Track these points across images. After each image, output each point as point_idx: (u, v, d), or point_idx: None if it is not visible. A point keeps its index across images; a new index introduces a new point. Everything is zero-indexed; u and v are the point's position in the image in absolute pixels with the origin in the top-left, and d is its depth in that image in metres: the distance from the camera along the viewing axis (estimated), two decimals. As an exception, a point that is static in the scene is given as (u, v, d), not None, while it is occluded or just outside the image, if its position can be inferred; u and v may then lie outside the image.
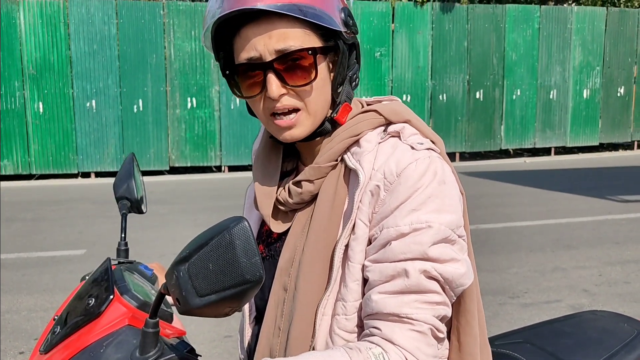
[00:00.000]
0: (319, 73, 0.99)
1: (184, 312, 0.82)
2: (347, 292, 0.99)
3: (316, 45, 0.98)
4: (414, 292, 0.94)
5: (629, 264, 5.14)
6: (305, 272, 1.01)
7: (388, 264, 0.95)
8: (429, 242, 0.94)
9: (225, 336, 3.79)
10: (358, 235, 0.99)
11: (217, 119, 10.75)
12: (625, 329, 1.56)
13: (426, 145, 1.01)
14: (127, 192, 1.40)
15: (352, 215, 0.99)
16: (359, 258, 0.99)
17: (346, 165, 1.03)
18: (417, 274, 0.93)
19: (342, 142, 1.03)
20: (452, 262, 0.95)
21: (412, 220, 0.94)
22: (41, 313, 4.19)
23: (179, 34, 10.49)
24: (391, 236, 0.95)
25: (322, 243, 1.01)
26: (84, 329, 1.04)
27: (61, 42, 10.12)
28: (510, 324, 3.84)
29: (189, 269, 0.80)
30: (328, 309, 1.00)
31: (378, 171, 0.98)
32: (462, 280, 0.97)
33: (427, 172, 0.96)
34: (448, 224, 0.95)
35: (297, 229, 1.06)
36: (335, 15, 0.98)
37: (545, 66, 12.18)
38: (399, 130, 1.02)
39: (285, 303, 1.04)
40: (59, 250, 5.87)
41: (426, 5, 11.50)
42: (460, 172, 10.31)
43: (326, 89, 1.02)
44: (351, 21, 1.01)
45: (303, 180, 1.05)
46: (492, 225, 6.57)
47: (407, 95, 11.52)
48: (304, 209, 1.07)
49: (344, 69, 1.02)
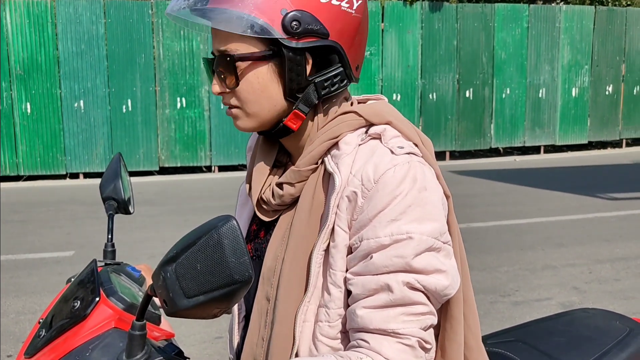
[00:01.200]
0: (253, 78, 0.98)
1: (172, 314, 0.80)
2: (329, 299, 0.97)
3: (252, 50, 0.97)
4: (399, 305, 0.92)
5: (619, 261, 5.17)
6: (285, 280, 0.99)
7: (370, 277, 0.93)
8: (411, 254, 0.92)
9: (216, 337, 3.77)
10: (337, 243, 0.97)
11: (207, 118, 10.71)
12: (617, 327, 1.56)
13: (406, 149, 0.98)
14: (113, 193, 1.38)
15: (328, 220, 0.97)
16: (340, 265, 0.97)
17: (325, 168, 1.01)
18: (401, 286, 0.92)
19: (321, 145, 1.01)
20: (436, 273, 0.93)
21: (393, 231, 0.92)
22: (29, 316, 4.14)
23: (167, 33, 10.43)
24: (372, 248, 0.93)
25: (300, 250, 0.99)
26: (69, 332, 1.02)
27: (49, 42, 10.04)
28: (501, 322, 3.84)
29: (177, 269, 0.78)
30: (310, 315, 0.98)
31: (355, 176, 0.96)
32: (447, 291, 0.95)
33: (406, 178, 0.94)
34: (430, 233, 0.93)
35: (278, 235, 1.04)
36: (272, 19, 0.94)
37: (534, 65, 12.23)
38: (380, 133, 1.00)
39: (268, 313, 1.02)
40: (47, 252, 5.82)
41: (415, 5, 11.51)
42: (450, 170, 10.33)
43: (268, 94, 1.00)
44: (299, 26, 0.94)
45: (285, 183, 1.04)
46: (482, 224, 6.58)
47: (397, 94, 11.53)
48: (287, 211, 1.05)
49: (297, 75, 0.98)
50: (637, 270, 4.91)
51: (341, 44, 0.99)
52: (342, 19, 0.98)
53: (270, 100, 1.00)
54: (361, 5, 1.02)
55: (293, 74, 0.98)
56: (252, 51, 0.97)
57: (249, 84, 0.99)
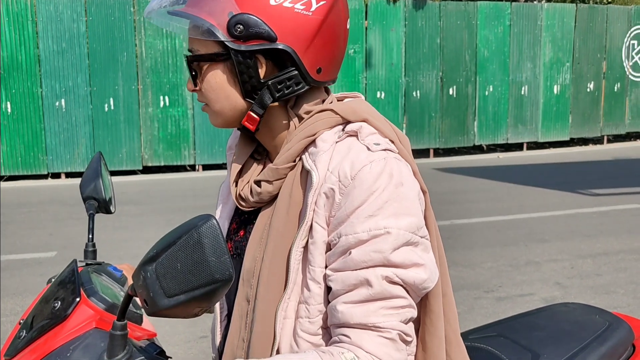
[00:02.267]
0: (211, 78, 1.03)
1: (152, 314, 0.80)
2: (309, 296, 0.98)
3: (211, 51, 1.01)
4: (378, 299, 0.94)
5: (600, 256, 5.23)
6: (264, 279, 1.00)
7: (350, 273, 0.94)
8: (389, 249, 0.93)
9: (200, 337, 3.76)
10: (316, 239, 0.98)
11: (191, 117, 10.65)
12: (596, 321, 1.58)
13: (383, 145, 0.99)
14: (94, 192, 1.37)
15: (306, 217, 0.98)
16: (318, 261, 0.98)
17: (303, 165, 1.02)
18: (380, 281, 0.93)
19: (299, 143, 1.02)
20: (414, 267, 0.95)
21: (370, 226, 0.93)
22: (11, 317, 4.10)
23: (150, 31, 10.35)
24: (350, 244, 0.94)
25: (280, 249, 1.00)
26: (50, 332, 1.02)
27: (29, 41, 9.92)
28: (485, 317, 3.88)
29: (157, 269, 0.78)
30: (290, 312, 0.99)
31: (332, 173, 0.97)
32: (425, 284, 0.96)
33: (382, 174, 0.95)
34: (407, 228, 0.94)
35: (256, 235, 1.05)
36: (219, 22, 0.97)
37: (516, 62, 12.32)
38: (357, 130, 1.01)
39: (248, 314, 1.03)
40: (29, 252, 5.75)
41: (399, 3, 11.55)
42: (434, 168, 10.38)
43: (225, 94, 1.03)
44: (243, 29, 0.96)
45: (263, 181, 1.05)
46: (466, 221, 6.63)
47: (381, 92, 11.56)
48: (265, 209, 1.06)
49: (249, 77, 1.00)
50: (618, 265, 4.97)
51: (293, 47, 0.98)
52: (295, 21, 0.98)
53: (228, 100, 1.03)
54: (322, 8, 1.00)
55: (245, 76, 1.00)
56: (209, 52, 1.01)
57: (208, 83, 1.03)
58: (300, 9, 0.98)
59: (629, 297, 4.26)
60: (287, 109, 1.05)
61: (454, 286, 4.26)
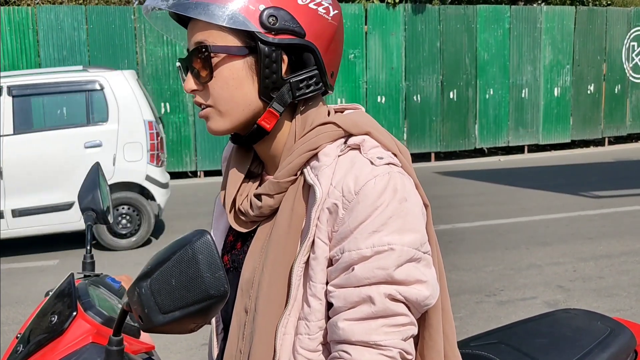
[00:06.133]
0: (227, 73, 0.98)
1: (147, 330, 0.80)
2: (310, 312, 0.97)
3: (230, 44, 0.97)
4: (380, 316, 0.93)
5: (602, 259, 5.22)
6: (264, 293, 0.99)
7: (352, 290, 0.93)
8: (393, 266, 0.92)
9: (202, 344, 3.75)
10: (318, 255, 0.96)
11: (192, 123, 10.67)
12: (598, 327, 1.57)
13: (386, 159, 0.98)
14: (92, 203, 1.36)
15: (309, 233, 0.97)
16: (320, 277, 0.96)
17: (305, 179, 1.00)
18: (382, 298, 0.92)
19: (300, 156, 1.00)
20: (417, 284, 0.94)
21: (374, 242, 0.92)
22: (14, 326, 4.10)
23: (150, 38, 10.38)
24: (353, 260, 0.93)
25: (280, 263, 0.99)
26: (47, 347, 1.01)
27: (30, 49, 9.95)
28: (487, 322, 3.86)
29: (151, 285, 0.78)
30: (290, 328, 0.98)
31: (336, 188, 0.96)
32: (427, 301, 0.96)
33: (386, 189, 0.94)
34: (411, 244, 0.93)
35: (256, 247, 1.03)
36: (249, 13, 0.94)
37: (516, 65, 12.32)
38: (359, 143, 1.00)
39: (246, 325, 1.01)
40: (31, 261, 5.76)
41: (398, 7, 11.56)
42: (435, 171, 10.38)
43: (242, 91, 0.99)
44: (276, 21, 0.95)
45: (263, 194, 1.03)
46: (468, 224, 6.62)
47: (381, 96, 11.56)
48: (265, 222, 1.04)
49: (272, 72, 0.98)
50: (620, 267, 4.96)
51: (317, 47, 0.99)
52: (319, 22, 0.99)
53: (244, 98, 0.99)
54: (337, 15, 1.02)
55: (268, 71, 0.97)
56: (229, 44, 0.97)
57: (223, 79, 0.98)
58: (322, 12, 0.99)
59: (631, 300, 4.24)
60: (291, 115, 1.04)
61: (456, 290, 4.27)
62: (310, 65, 1.00)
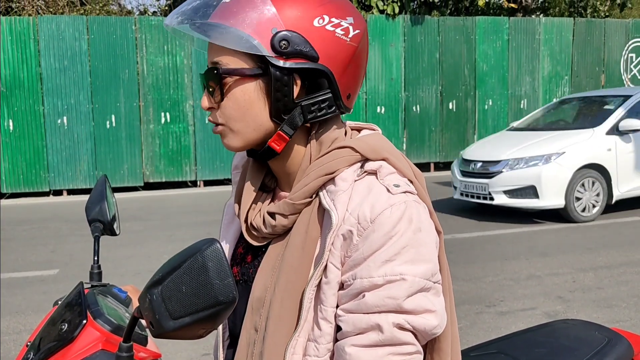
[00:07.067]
0: (239, 95, 0.99)
1: (158, 335, 0.82)
2: (320, 335, 0.98)
3: (242, 66, 0.98)
4: (388, 344, 0.93)
5: (602, 269, 5.23)
6: (275, 313, 1.00)
7: (361, 316, 0.94)
8: (403, 296, 0.93)
9: (203, 354, 3.76)
10: (330, 279, 0.97)
11: (192, 133, 10.70)
12: (596, 337, 1.59)
13: (403, 187, 0.98)
14: (99, 215, 1.39)
15: (323, 258, 0.97)
16: (331, 301, 0.97)
17: (320, 203, 1.01)
18: (391, 327, 0.93)
19: (317, 180, 1.00)
20: (425, 313, 0.95)
21: (386, 271, 0.93)
22: (14, 336, 4.10)
23: (151, 48, 10.44)
24: (364, 287, 0.94)
25: (292, 284, 1.00)
26: (57, 354, 1.03)
27: (31, 59, 10.00)
28: (487, 332, 3.87)
29: (162, 292, 0.80)
30: (298, 349, 0.99)
31: (352, 214, 0.96)
32: (435, 330, 0.96)
33: (402, 219, 0.94)
34: (423, 275, 0.94)
35: (267, 265, 1.04)
36: (262, 37, 0.95)
37: (515, 76, 12.39)
38: (376, 169, 1.00)
39: (256, 344, 1.02)
40: (31, 270, 5.76)
41: (398, 18, 11.64)
42: (434, 182, 10.40)
43: (253, 112, 1.00)
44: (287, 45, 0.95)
45: (277, 213, 1.03)
46: (467, 235, 6.64)
47: (381, 107, 11.61)
48: (277, 240, 1.05)
49: (284, 95, 0.98)
50: (620, 278, 4.97)
51: (332, 70, 0.99)
52: (335, 45, 0.98)
53: (255, 119, 1.00)
54: (358, 36, 1.01)
55: (279, 94, 0.98)
56: (241, 66, 0.98)
57: (234, 100, 0.99)
58: (340, 34, 0.98)
59: (631, 311, 4.25)
60: (307, 135, 1.04)
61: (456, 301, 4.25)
62: (324, 88, 0.99)
